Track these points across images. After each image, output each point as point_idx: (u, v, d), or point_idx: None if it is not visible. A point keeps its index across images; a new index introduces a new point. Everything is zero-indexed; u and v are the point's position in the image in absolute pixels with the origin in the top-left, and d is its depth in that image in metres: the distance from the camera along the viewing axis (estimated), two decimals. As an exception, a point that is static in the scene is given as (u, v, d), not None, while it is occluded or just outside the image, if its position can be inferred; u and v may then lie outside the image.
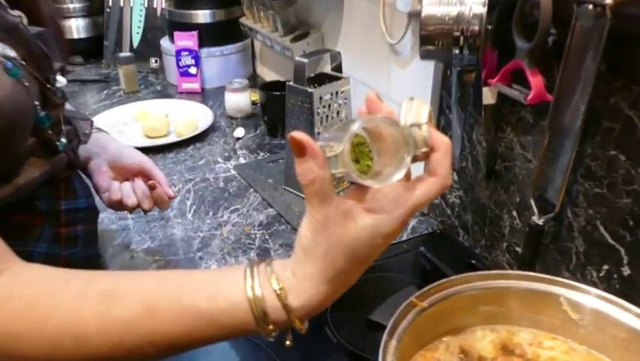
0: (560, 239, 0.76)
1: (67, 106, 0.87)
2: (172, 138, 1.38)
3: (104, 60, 1.97)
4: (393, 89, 1.13)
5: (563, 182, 0.70)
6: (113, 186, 0.88)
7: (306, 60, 1.01)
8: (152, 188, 0.88)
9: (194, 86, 1.72)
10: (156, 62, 1.88)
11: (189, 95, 1.70)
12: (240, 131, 1.43)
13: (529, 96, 0.70)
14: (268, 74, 1.79)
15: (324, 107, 1.04)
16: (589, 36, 0.61)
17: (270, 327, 0.46)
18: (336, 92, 1.05)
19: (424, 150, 0.45)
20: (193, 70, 1.70)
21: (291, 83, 1.04)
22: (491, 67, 0.77)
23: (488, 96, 0.79)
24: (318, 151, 0.42)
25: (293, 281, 0.45)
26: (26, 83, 0.62)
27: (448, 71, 0.90)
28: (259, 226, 1.04)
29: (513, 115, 0.80)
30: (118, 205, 0.88)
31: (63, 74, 0.77)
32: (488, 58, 0.77)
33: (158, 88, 1.78)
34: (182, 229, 1.04)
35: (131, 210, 0.89)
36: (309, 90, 1.01)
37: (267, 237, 1.01)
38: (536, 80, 0.70)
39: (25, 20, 0.66)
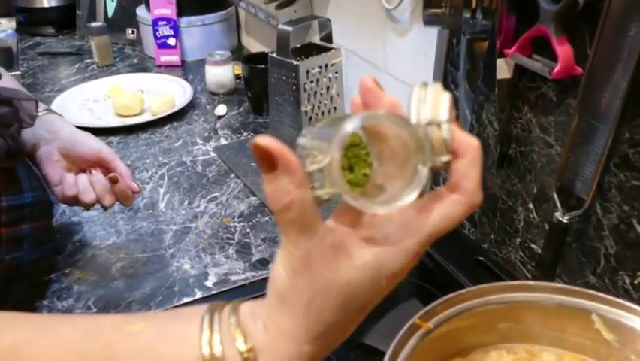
0: (586, 238, 0.65)
1: (6, 83, 0.75)
2: (146, 117, 1.25)
3: (77, 31, 1.82)
4: (390, 61, 1.00)
5: (595, 172, 0.59)
6: (66, 178, 0.76)
7: (290, 28, 0.89)
8: (113, 181, 0.76)
9: (174, 58, 1.58)
10: (133, 32, 1.74)
11: (168, 68, 1.57)
12: (221, 109, 1.30)
13: (556, 69, 0.58)
14: (254, 46, 1.65)
15: (311, 82, 0.91)
16: (635, -6, 0.49)
17: None
18: (326, 65, 0.93)
19: (445, 158, 0.32)
20: (172, 41, 1.56)
21: (274, 55, 0.92)
22: (508, 34, 0.65)
23: (503, 69, 0.67)
24: (294, 164, 0.30)
25: (265, 339, 0.33)
26: None
27: (454, 40, 0.78)
28: (240, 218, 0.93)
29: (532, 92, 0.67)
30: (73, 201, 0.76)
31: None
32: (505, 23, 0.64)
33: (135, 61, 1.64)
34: (153, 221, 0.93)
35: (89, 206, 0.77)
36: (295, 63, 0.89)
37: (248, 230, 0.90)
38: (564, 50, 0.58)
39: None
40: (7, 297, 0.70)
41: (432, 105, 0.33)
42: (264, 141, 0.30)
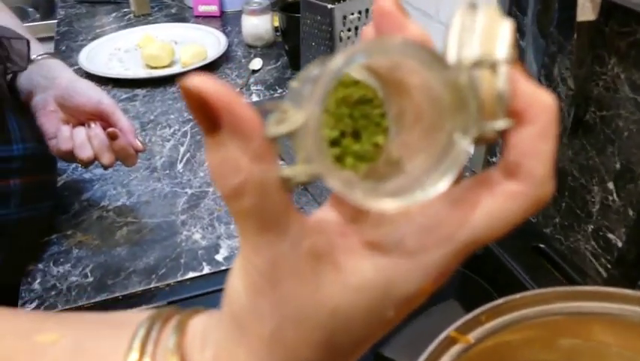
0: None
1: (1, 20, 0.66)
2: (176, 69, 1.16)
3: (118, -21, 1.74)
4: (443, 7, 0.85)
5: None
6: (62, 131, 0.67)
7: (325, -36, 0.75)
8: (112, 137, 0.66)
9: (212, 8, 1.47)
10: (174, -20, 1.64)
11: (207, 19, 1.46)
12: (257, 63, 1.19)
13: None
14: (299, -4, 1.52)
15: (348, 30, 0.78)
16: None
17: None
18: (366, 10, 0.79)
19: (501, 124, 0.20)
20: (211, -10, 1.45)
21: (307, -3, 0.79)
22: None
23: (586, 8, 0.52)
24: (250, 122, 0.18)
25: None
26: None
27: (523, -24, 0.63)
28: (263, 183, 0.82)
29: (623, 38, 0.52)
30: (69, 157, 0.68)
31: None
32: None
33: (173, 11, 1.54)
34: (169, 182, 0.83)
35: (87, 164, 0.68)
36: (329, 6, 0.75)
37: (270, 198, 0.79)
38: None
39: None
40: (-7, 260, 0.63)
41: (483, 37, 0.20)
42: (199, 82, 0.18)
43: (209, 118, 0.18)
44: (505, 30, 0.20)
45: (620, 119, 0.55)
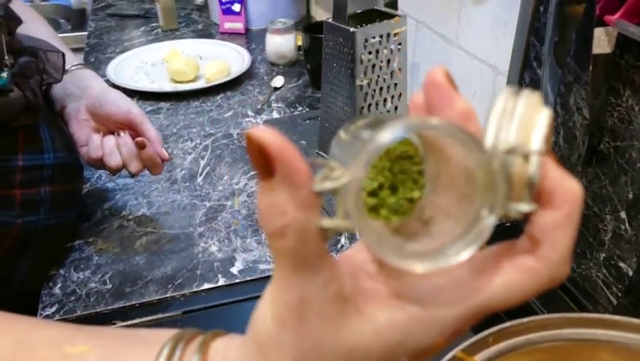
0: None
1: (38, 33, 0.69)
2: (200, 84, 1.19)
3: (147, -6, 1.79)
4: (464, 33, 0.87)
5: None
6: (92, 139, 0.70)
7: (349, -11, 0.78)
8: (140, 147, 0.69)
9: (238, 25, 1.51)
10: (201, -3, 1.68)
11: (232, 36, 1.50)
12: (278, 80, 1.22)
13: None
14: (322, 16, 1.55)
15: (369, 53, 0.80)
16: None
17: None
18: (387, 35, 0.81)
19: (526, 207, 0.21)
20: (237, 7, 1.49)
21: (330, 20, 0.81)
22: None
23: (603, 42, 0.53)
24: (300, 173, 0.21)
25: None
26: None
27: (541, 7, 0.64)
28: (280, 199, 0.84)
29: (637, 72, 0.53)
30: (99, 164, 0.70)
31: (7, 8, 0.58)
32: (609, -18, 0.51)
33: (200, 27, 1.58)
34: (188, 195, 0.86)
35: (115, 171, 0.70)
36: (351, 29, 0.78)
37: (286, 213, 0.81)
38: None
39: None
40: (19, 263, 0.65)
41: (521, 124, 0.22)
42: (261, 133, 0.20)
43: (265, 165, 0.20)
44: (542, 120, 0.22)
45: (633, 150, 0.56)
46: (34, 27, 0.72)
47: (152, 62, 1.31)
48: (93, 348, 0.28)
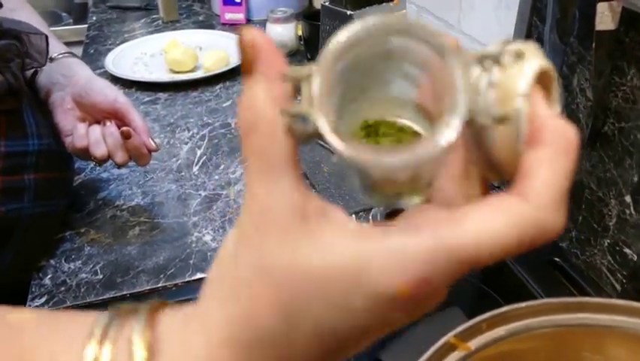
0: None
1: (22, 16, 0.67)
2: (199, 74, 1.17)
3: (148, -14, 1.77)
4: (466, 17, 0.85)
5: None
6: (77, 128, 0.68)
7: (346, -29, 0.76)
8: (125, 136, 0.67)
9: (239, 16, 1.49)
10: (202, -11, 1.67)
11: (233, 27, 1.48)
12: (278, 70, 1.19)
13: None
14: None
15: (368, 36, 0.78)
16: None
17: None
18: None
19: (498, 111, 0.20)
20: (237, -2, 1.47)
21: (327, 4, 0.79)
22: (616, -32, 0.48)
23: (606, 17, 0.51)
24: (275, 66, 0.21)
25: (179, 328, 0.22)
26: None
27: (543, -16, 0.62)
28: (277, 188, 0.82)
29: (643, 48, 0.51)
30: (84, 154, 0.69)
31: None
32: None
33: (200, 18, 1.57)
34: (183, 184, 0.84)
35: (101, 162, 0.69)
36: (349, 12, 0.75)
37: (283, 202, 0.79)
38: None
39: None
40: (2, 250, 0.64)
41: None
42: (255, 31, 0.21)
43: (250, 61, 0.21)
44: (531, 67, 0.20)
45: (638, 131, 0.53)
46: (18, 13, 0.71)
47: (152, 53, 1.30)
48: (34, 317, 0.25)
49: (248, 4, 1.49)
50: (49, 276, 0.68)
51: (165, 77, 1.18)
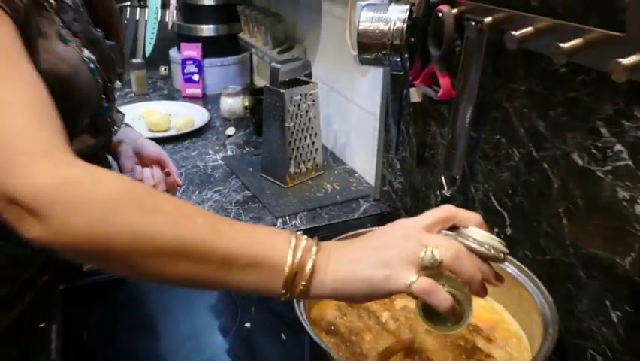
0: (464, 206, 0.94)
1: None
2: (171, 133, 1.59)
3: (119, 67, 2.20)
4: (356, 94, 1.33)
5: (461, 161, 0.89)
6: (136, 169, 1.08)
7: (279, 66, 1.22)
8: (167, 175, 1.08)
9: (197, 91, 1.93)
10: (165, 69, 2.11)
11: (192, 99, 1.92)
12: (231, 130, 1.63)
13: (439, 93, 0.89)
14: (262, 83, 2.00)
15: (294, 106, 1.24)
16: (474, 46, 0.81)
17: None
18: (306, 94, 1.25)
19: None
20: (196, 77, 1.92)
21: (268, 85, 1.25)
22: (416, 71, 0.96)
23: (415, 95, 0.98)
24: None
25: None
26: (99, 80, 0.82)
27: (390, 80, 1.10)
28: (236, 203, 1.24)
29: (435, 111, 0.99)
30: None
31: (120, 79, 0.97)
32: (415, 64, 0.96)
33: (165, 92, 2.00)
34: (171, 203, 1.24)
35: None
36: (281, 91, 1.21)
37: (241, 211, 1.20)
38: (445, 81, 0.89)
39: (103, 36, 0.88)
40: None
41: None
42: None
43: None
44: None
45: (439, 155, 1.00)
46: None
47: (132, 118, 1.70)
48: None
49: (204, 82, 1.94)
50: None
51: (146, 134, 1.58)
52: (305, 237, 0.55)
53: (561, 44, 0.62)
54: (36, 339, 0.85)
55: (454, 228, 0.60)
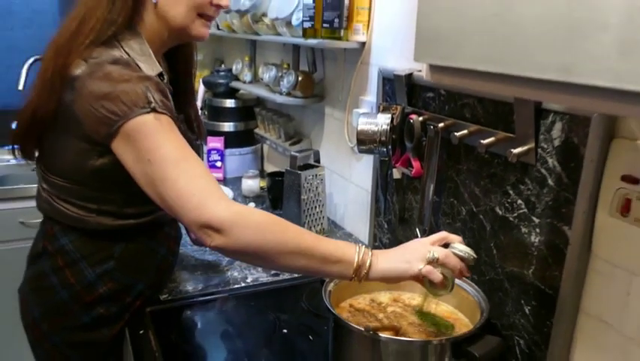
0: (435, 253, 1.35)
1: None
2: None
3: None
4: (353, 175, 1.76)
5: (429, 218, 1.31)
6: None
7: (297, 155, 1.66)
8: None
9: (219, 175, 2.36)
10: (190, 158, 2.54)
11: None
12: (251, 205, 2.04)
13: (413, 172, 1.33)
14: (271, 169, 2.44)
15: (308, 183, 1.66)
16: (433, 141, 1.25)
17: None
18: (316, 175, 1.68)
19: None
20: (219, 164, 2.35)
21: (289, 169, 1.68)
22: (397, 157, 1.40)
23: (396, 174, 1.41)
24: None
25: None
26: None
27: (379, 163, 1.54)
28: (263, 257, 1.62)
29: (410, 184, 1.41)
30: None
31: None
32: (396, 153, 1.40)
33: (192, 176, 2.41)
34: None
35: None
36: (299, 172, 1.64)
37: (268, 262, 1.59)
38: (416, 164, 1.33)
39: (199, 141, 1.31)
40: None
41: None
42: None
43: None
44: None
45: (414, 216, 1.42)
46: None
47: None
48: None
49: (225, 168, 2.37)
50: (161, 292, 1.42)
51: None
52: (364, 246, 0.94)
53: (482, 140, 1.07)
54: (141, 341, 1.20)
55: (446, 245, 1.02)
